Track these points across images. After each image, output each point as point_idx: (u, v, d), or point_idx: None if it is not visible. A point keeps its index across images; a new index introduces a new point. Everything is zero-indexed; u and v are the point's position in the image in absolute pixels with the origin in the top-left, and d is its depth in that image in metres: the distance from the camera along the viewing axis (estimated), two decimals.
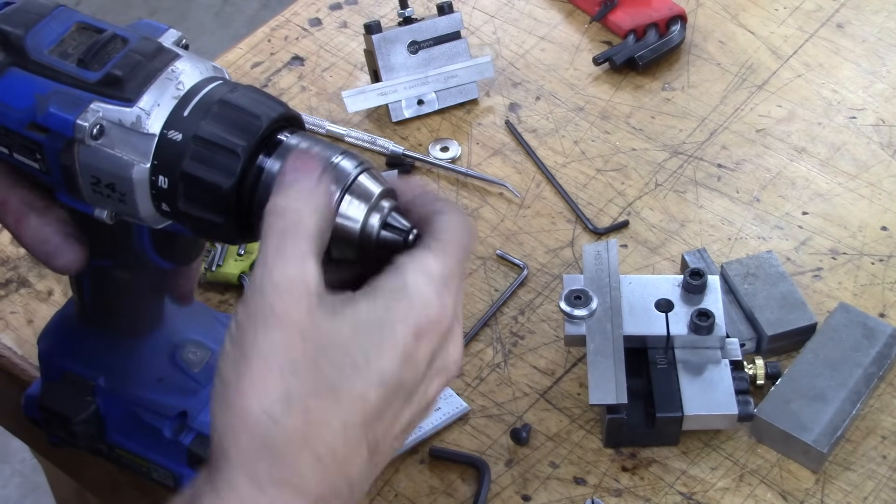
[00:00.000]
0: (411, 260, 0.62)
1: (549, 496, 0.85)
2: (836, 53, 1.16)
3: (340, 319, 0.59)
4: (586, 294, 0.88)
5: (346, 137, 1.08)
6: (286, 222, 0.60)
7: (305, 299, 0.59)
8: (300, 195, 0.61)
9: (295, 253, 0.60)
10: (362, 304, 0.60)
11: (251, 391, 0.58)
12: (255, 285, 0.59)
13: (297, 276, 0.59)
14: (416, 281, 0.61)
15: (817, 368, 0.89)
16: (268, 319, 0.58)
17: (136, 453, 0.84)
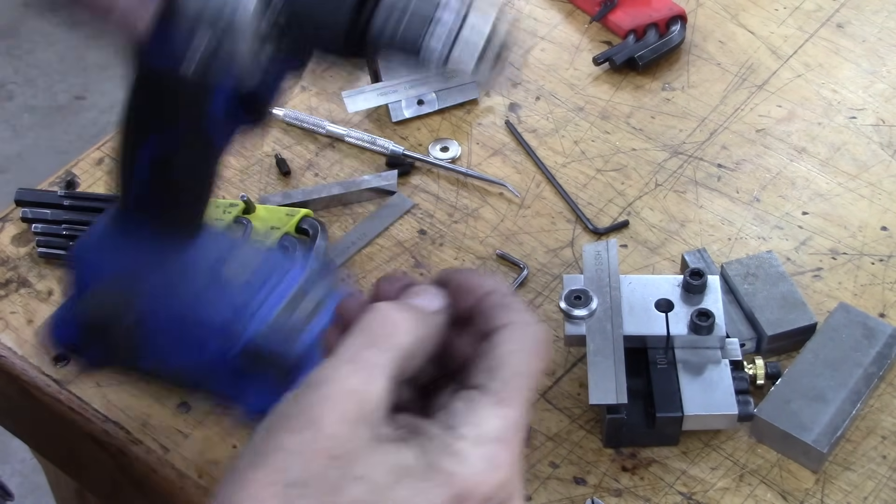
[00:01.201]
0: (466, 415, 0.56)
1: (549, 496, 0.85)
2: (836, 53, 1.16)
3: (383, 455, 0.54)
4: (586, 294, 0.88)
5: (346, 137, 1.08)
6: (382, 332, 0.56)
7: (355, 419, 0.54)
8: (412, 316, 0.57)
9: (369, 364, 0.55)
10: (411, 449, 0.54)
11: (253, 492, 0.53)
12: (313, 381, 0.54)
13: (357, 389, 0.54)
14: (468, 451, 0.55)
15: (817, 368, 0.89)
16: (304, 420, 0.53)
17: (176, 370, 0.81)
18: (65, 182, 1.06)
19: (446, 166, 1.06)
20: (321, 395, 0.54)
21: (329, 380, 0.54)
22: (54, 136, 2.62)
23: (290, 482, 0.53)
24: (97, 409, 0.91)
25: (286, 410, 0.54)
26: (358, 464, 0.53)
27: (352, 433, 0.53)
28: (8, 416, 1.03)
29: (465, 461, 0.54)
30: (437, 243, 1.01)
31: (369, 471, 0.53)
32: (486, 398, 0.57)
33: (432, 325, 0.58)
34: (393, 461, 0.54)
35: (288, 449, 0.53)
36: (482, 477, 0.55)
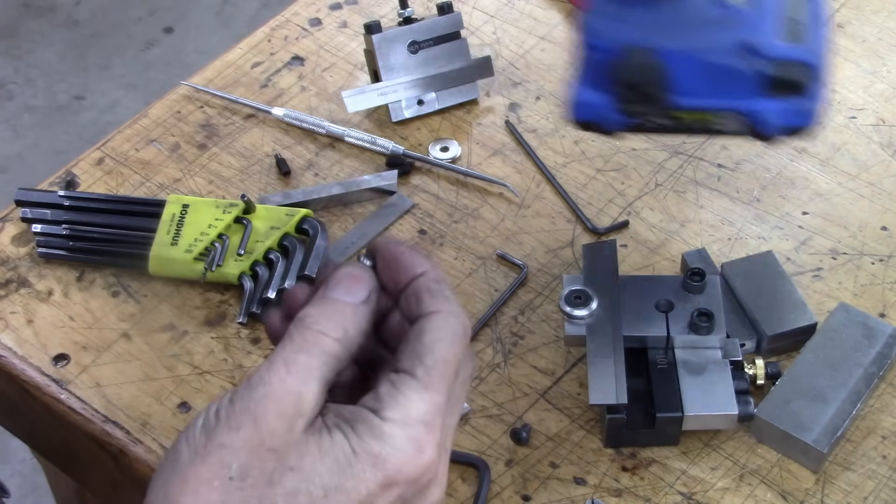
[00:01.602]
0: (393, 396, 0.59)
1: (549, 496, 0.85)
2: (836, 53, 1.16)
3: (313, 444, 0.57)
4: (586, 294, 0.88)
5: (345, 137, 1.08)
6: (309, 339, 0.59)
7: (291, 416, 0.57)
8: (336, 317, 0.60)
9: (303, 370, 0.58)
10: (337, 436, 0.58)
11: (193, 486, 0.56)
12: (251, 382, 0.58)
13: (293, 390, 0.58)
14: (394, 433, 0.58)
15: (817, 368, 0.89)
16: (244, 419, 0.57)
17: (702, 109, 0.87)
18: (65, 182, 1.06)
19: (446, 166, 1.06)
20: (260, 395, 0.57)
21: (267, 381, 0.58)
22: (54, 136, 2.62)
23: (232, 475, 0.56)
24: (97, 409, 0.91)
25: (224, 410, 0.58)
26: (292, 455, 0.57)
27: (288, 428, 0.57)
28: (8, 416, 1.03)
29: (391, 443, 0.58)
30: (437, 243, 1.01)
31: (301, 461, 0.57)
32: (412, 382, 0.60)
33: (359, 319, 0.61)
34: (322, 448, 0.57)
35: (229, 445, 0.57)
36: (408, 458, 0.58)
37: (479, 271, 0.99)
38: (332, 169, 1.07)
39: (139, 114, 1.12)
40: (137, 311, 0.97)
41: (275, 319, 0.65)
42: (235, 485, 0.56)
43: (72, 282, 0.99)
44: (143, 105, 2.19)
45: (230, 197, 1.05)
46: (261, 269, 0.96)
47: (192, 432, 0.58)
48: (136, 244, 0.98)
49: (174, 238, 0.98)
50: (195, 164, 1.07)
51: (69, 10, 2.87)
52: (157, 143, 1.09)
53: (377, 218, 1.03)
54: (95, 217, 1.01)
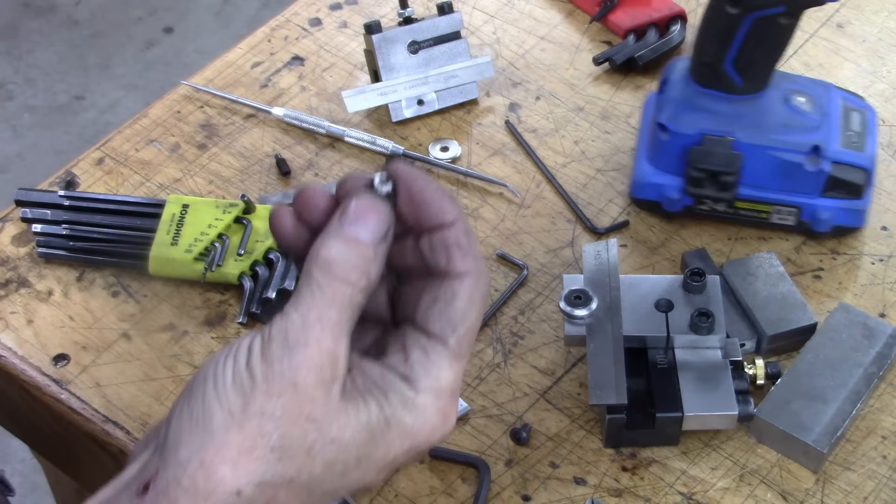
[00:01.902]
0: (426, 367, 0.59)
1: (549, 496, 0.85)
2: (836, 53, 1.16)
3: (352, 416, 0.57)
4: (586, 294, 0.88)
5: (345, 137, 1.08)
6: (339, 291, 0.57)
7: (329, 380, 0.56)
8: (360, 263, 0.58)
9: (336, 327, 0.57)
10: (372, 406, 0.58)
11: (232, 455, 0.55)
12: (289, 342, 0.56)
13: (330, 352, 0.56)
14: (427, 404, 0.58)
15: (817, 368, 0.89)
16: (284, 384, 0.55)
17: (760, 200, 0.97)
18: (65, 182, 1.06)
19: (446, 166, 1.06)
20: (301, 359, 0.55)
21: (304, 342, 0.56)
22: (54, 136, 2.62)
23: (273, 445, 0.55)
24: (97, 409, 0.91)
25: (260, 370, 0.55)
26: (332, 426, 0.56)
27: (326, 395, 0.56)
28: (8, 416, 1.03)
29: (424, 415, 0.58)
30: None
31: (341, 433, 0.56)
32: (443, 351, 0.59)
33: (379, 259, 0.59)
34: (360, 420, 0.57)
35: (270, 413, 0.55)
36: (436, 428, 0.59)
37: None
38: (332, 169, 1.07)
39: (139, 114, 1.12)
40: (137, 311, 0.97)
41: (285, 218, 0.62)
42: (276, 455, 0.55)
43: (72, 282, 0.99)
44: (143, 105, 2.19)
45: (230, 197, 1.05)
46: (261, 269, 0.96)
47: (223, 390, 0.56)
48: (136, 244, 0.98)
49: (174, 238, 0.98)
50: (195, 164, 1.07)
51: (69, 10, 2.87)
52: (157, 143, 1.09)
53: None
54: (95, 217, 1.01)
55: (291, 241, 0.62)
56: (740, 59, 0.94)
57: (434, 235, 0.61)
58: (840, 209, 0.97)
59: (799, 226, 0.99)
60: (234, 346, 0.57)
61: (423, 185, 0.61)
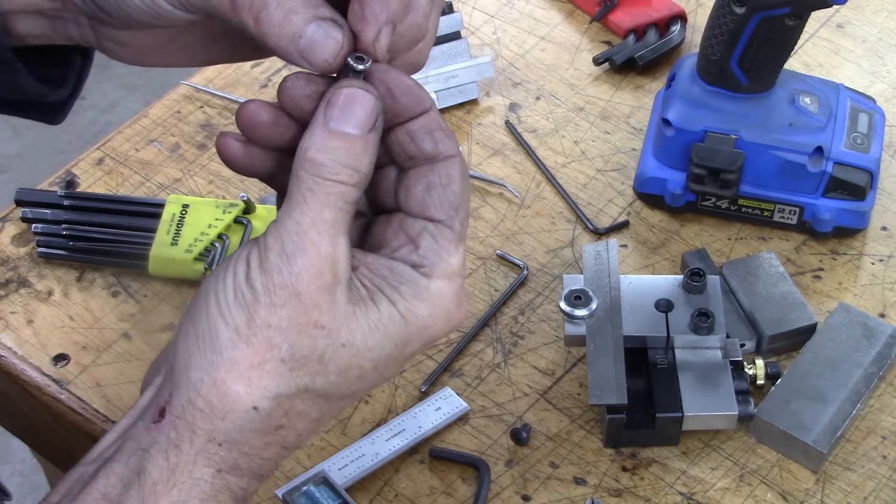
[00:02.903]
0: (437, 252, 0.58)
1: (549, 496, 0.85)
2: (836, 53, 1.16)
3: (362, 318, 0.56)
4: (586, 294, 0.88)
5: None
6: (331, 191, 0.55)
7: (332, 284, 0.55)
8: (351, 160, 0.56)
9: (332, 227, 0.55)
10: (384, 305, 0.56)
11: (244, 372, 0.54)
12: (286, 250, 0.55)
13: (329, 255, 0.55)
14: (441, 290, 0.57)
15: (817, 368, 0.89)
16: (287, 294, 0.54)
17: (763, 198, 0.98)
18: (65, 182, 1.06)
19: None
20: (300, 267, 0.54)
21: (302, 249, 0.54)
22: (54, 136, 2.61)
23: (283, 358, 0.54)
24: (97, 409, 0.91)
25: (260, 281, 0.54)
26: (342, 331, 0.55)
27: (332, 300, 0.55)
28: (8, 416, 1.03)
29: (439, 303, 0.57)
30: None
31: (352, 336, 0.55)
32: (450, 234, 0.58)
33: (370, 152, 0.57)
34: (372, 321, 0.56)
35: (276, 325, 0.54)
36: (452, 315, 0.57)
37: (479, 271, 0.99)
38: None
39: (139, 114, 1.12)
40: (137, 311, 0.97)
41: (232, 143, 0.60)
42: (288, 366, 0.54)
43: (72, 282, 0.99)
44: (143, 105, 2.19)
45: (230, 197, 1.05)
46: None
47: (226, 306, 0.55)
48: (136, 244, 0.98)
49: (174, 238, 0.98)
50: (195, 164, 1.07)
51: None
52: (157, 143, 1.09)
53: None
54: (95, 217, 1.01)
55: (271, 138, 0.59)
56: (746, 58, 0.95)
57: (415, 123, 0.59)
58: (842, 210, 0.97)
59: (801, 225, 0.99)
60: (233, 260, 0.56)
61: (396, 74, 0.58)
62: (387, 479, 0.86)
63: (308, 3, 0.57)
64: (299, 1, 0.57)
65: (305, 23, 0.56)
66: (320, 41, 0.56)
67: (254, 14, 0.57)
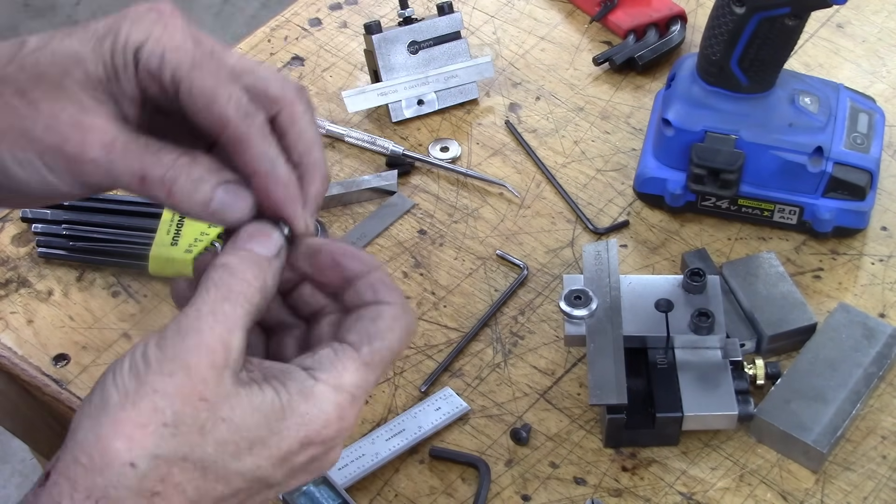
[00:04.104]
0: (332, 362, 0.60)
1: (549, 496, 0.85)
2: (836, 53, 1.16)
3: (244, 397, 0.58)
4: (586, 294, 0.88)
5: (346, 137, 1.08)
6: (232, 286, 0.59)
7: (222, 365, 0.58)
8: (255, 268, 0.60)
9: (230, 318, 0.59)
10: (268, 392, 0.59)
11: (126, 431, 0.56)
12: (180, 328, 0.58)
13: (223, 339, 0.58)
14: (324, 395, 0.59)
15: (817, 368, 0.89)
16: (176, 366, 0.57)
17: (763, 198, 0.98)
18: None
19: (446, 166, 1.06)
20: (192, 344, 0.57)
21: (197, 329, 0.58)
22: None
23: (166, 422, 0.56)
24: None
25: (154, 356, 0.58)
26: (224, 406, 0.57)
27: (218, 378, 0.57)
28: (8, 416, 1.03)
29: (319, 405, 0.59)
30: (437, 243, 1.01)
31: (232, 412, 0.58)
32: (354, 355, 0.61)
33: (274, 271, 0.61)
34: (253, 402, 0.58)
35: (162, 391, 0.57)
36: (331, 422, 0.59)
37: (479, 271, 0.99)
38: (332, 169, 1.07)
39: None
40: (137, 311, 0.97)
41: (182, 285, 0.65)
42: (170, 431, 0.57)
43: (72, 282, 0.99)
44: None
45: None
46: None
47: (120, 375, 0.58)
48: (136, 244, 0.98)
49: (174, 238, 0.98)
50: None
51: (69, 10, 2.87)
52: None
53: (377, 218, 1.03)
54: (95, 217, 1.01)
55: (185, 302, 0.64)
56: (746, 58, 0.95)
57: (360, 281, 0.64)
58: (842, 210, 0.97)
59: (801, 225, 0.99)
60: (132, 347, 0.60)
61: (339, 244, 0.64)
62: (387, 479, 0.86)
63: (212, 169, 0.62)
64: (204, 169, 0.62)
65: (213, 189, 0.62)
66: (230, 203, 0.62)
67: (165, 188, 0.62)
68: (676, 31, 1.15)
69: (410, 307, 0.64)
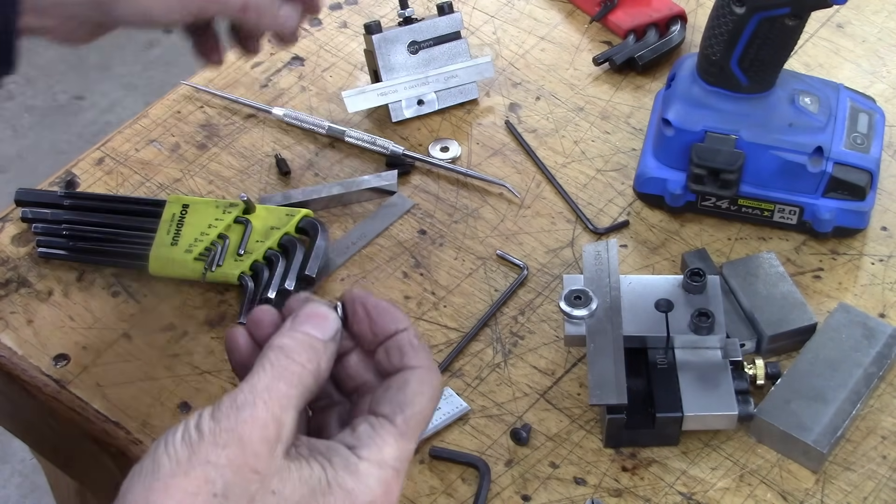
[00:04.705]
0: (371, 437, 0.62)
1: (549, 496, 0.85)
2: (836, 53, 1.16)
3: (294, 472, 0.60)
4: (586, 294, 0.88)
5: (345, 137, 1.08)
6: (289, 368, 0.61)
7: (274, 440, 0.59)
8: (310, 351, 0.63)
9: (284, 397, 0.60)
10: (315, 467, 0.60)
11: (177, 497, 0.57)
12: (235, 403, 0.59)
13: (276, 416, 0.60)
14: (369, 472, 0.61)
15: (817, 368, 0.89)
16: (230, 438, 0.58)
17: (763, 198, 0.98)
18: (65, 182, 1.06)
19: (446, 166, 1.06)
20: (246, 416, 0.59)
21: (252, 404, 0.59)
22: (54, 136, 2.62)
23: (216, 492, 0.57)
24: (97, 409, 0.91)
25: (208, 426, 0.59)
26: (274, 479, 0.59)
27: (270, 452, 0.59)
28: (8, 416, 1.03)
29: (365, 481, 0.61)
30: (437, 243, 1.01)
31: (282, 486, 0.59)
32: (391, 428, 0.63)
33: (328, 355, 0.64)
34: (302, 476, 0.60)
35: (214, 462, 0.58)
36: (377, 498, 0.61)
37: (479, 271, 0.99)
38: (332, 169, 1.07)
39: (139, 114, 1.12)
40: (137, 311, 0.97)
41: (238, 336, 0.67)
42: (218, 501, 0.57)
43: (72, 282, 0.99)
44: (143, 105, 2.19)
45: (230, 197, 1.05)
46: (261, 270, 0.96)
47: (173, 445, 0.59)
48: (136, 244, 0.98)
49: (174, 238, 0.98)
50: (195, 164, 1.07)
51: None
52: (157, 143, 1.09)
53: (377, 218, 1.03)
54: (95, 217, 1.01)
55: (245, 360, 0.66)
56: (746, 58, 0.95)
57: (389, 342, 0.66)
58: (842, 210, 0.97)
59: (801, 225, 0.99)
60: (186, 418, 0.61)
61: (375, 299, 0.67)
62: None
63: None
64: None
65: None
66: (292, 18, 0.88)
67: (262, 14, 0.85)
68: (676, 31, 1.15)
69: (436, 367, 0.66)
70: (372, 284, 0.98)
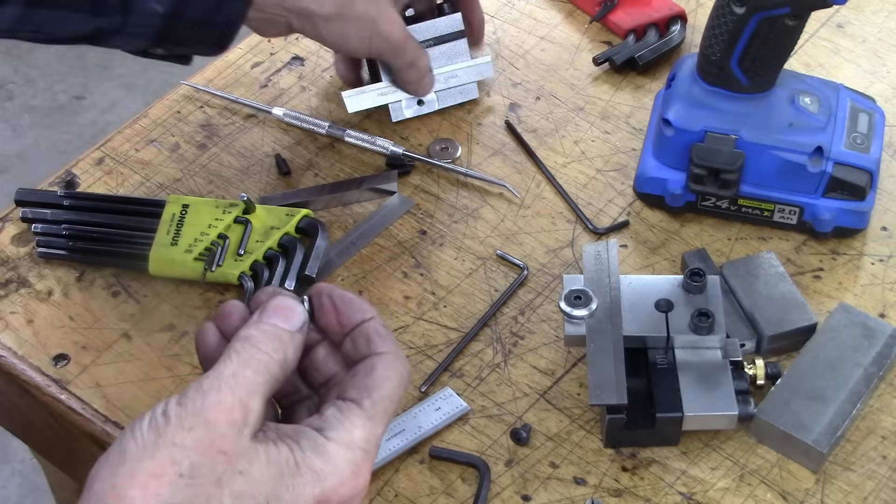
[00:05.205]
0: (339, 420, 0.63)
1: (549, 496, 0.85)
2: (836, 53, 1.16)
3: (262, 453, 0.60)
4: (586, 294, 0.88)
5: (345, 137, 1.08)
6: (255, 357, 0.62)
7: (240, 423, 0.60)
8: (277, 342, 0.64)
9: (250, 383, 0.61)
10: (283, 448, 0.61)
11: (142, 480, 0.58)
12: (201, 388, 0.60)
13: (242, 401, 0.60)
14: (337, 452, 0.62)
15: (817, 368, 0.89)
16: (196, 421, 0.59)
17: (763, 198, 0.98)
18: (65, 182, 1.06)
19: (446, 166, 1.06)
20: (213, 401, 0.60)
21: (218, 389, 0.60)
22: (54, 136, 2.62)
23: (182, 472, 0.58)
24: (97, 409, 0.91)
25: (174, 411, 0.60)
26: (241, 460, 0.59)
27: (237, 434, 0.60)
28: (8, 416, 1.03)
29: (333, 462, 0.61)
30: (437, 243, 1.01)
31: (249, 466, 0.60)
32: (358, 411, 0.63)
33: (295, 346, 0.65)
34: (270, 457, 0.60)
35: (180, 444, 0.59)
36: (346, 479, 0.62)
37: (479, 271, 0.99)
38: (332, 169, 1.07)
39: (139, 114, 1.12)
40: (137, 311, 0.97)
41: (207, 331, 0.68)
42: (185, 482, 0.58)
43: (72, 282, 0.99)
44: (143, 105, 2.19)
45: (230, 197, 1.05)
46: (261, 269, 0.96)
47: (139, 430, 0.59)
48: (136, 244, 0.98)
49: (174, 238, 0.98)
50: (195, 164, 1.07)
51: None
52: (157, 143, 1.09)
53: (377, 218, 1.03)
54: (95, 217, 1.01)
55: (213, 354, 0.67)
56: (746, 58, 0.95)
57: (356, 331, 0.67)
58: (842, 210, 0.97)
59: (801, 225, 0.99)
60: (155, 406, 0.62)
61: (341, 291, 0.68)
62: (387, 479, 0.86)
63: None
64: None
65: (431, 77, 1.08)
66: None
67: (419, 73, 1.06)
68: (676, 31, 1.15)
69: (404, 354, 0.67)
70: (372, 284, 0.98)
